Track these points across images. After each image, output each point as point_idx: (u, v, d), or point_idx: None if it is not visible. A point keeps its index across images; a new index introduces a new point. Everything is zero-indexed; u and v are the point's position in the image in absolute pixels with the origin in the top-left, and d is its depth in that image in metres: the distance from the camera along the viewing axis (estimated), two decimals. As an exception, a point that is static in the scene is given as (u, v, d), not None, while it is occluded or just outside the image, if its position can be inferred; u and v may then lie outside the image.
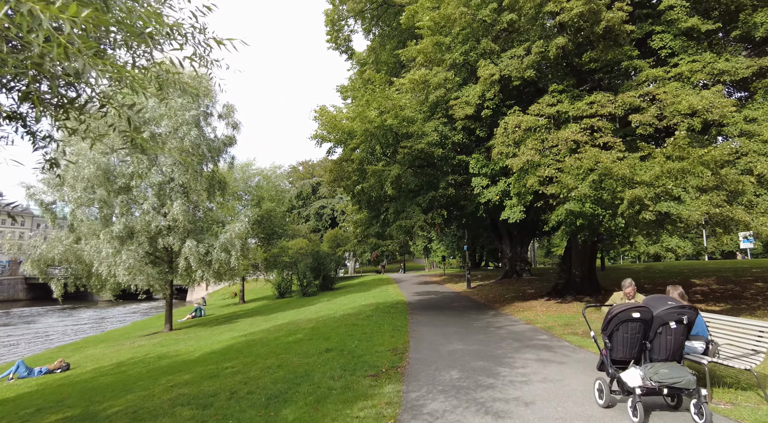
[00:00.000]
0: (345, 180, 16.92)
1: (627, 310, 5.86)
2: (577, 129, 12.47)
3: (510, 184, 15.15)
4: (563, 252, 21.66)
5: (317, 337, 12.89)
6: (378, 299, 22.34)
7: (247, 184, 37.57)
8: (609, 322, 6.05)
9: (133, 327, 28.29)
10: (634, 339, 5.98)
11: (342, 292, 30.00)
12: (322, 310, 20.71)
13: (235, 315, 26.72)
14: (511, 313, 16.99)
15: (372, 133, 15.38)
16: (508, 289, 23.95)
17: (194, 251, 21.24)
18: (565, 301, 18.63)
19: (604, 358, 6.28)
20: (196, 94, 23.79)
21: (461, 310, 18.12)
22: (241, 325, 20.31)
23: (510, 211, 14.99)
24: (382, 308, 18.36)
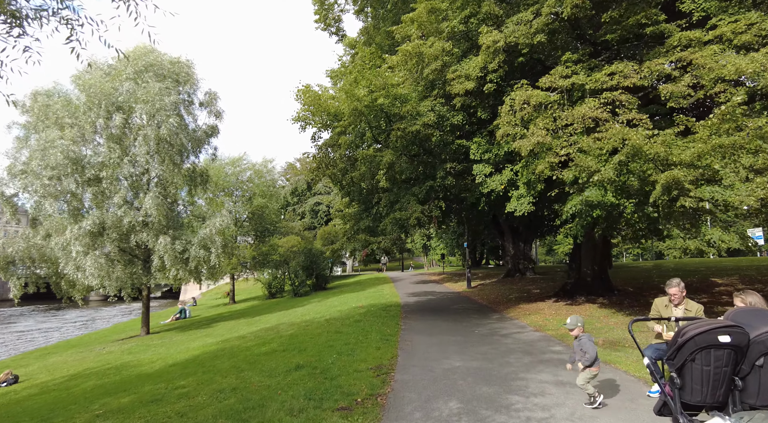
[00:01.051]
0: (331, 168, 14.92)
1: (710, 331, 3.84)
2: (595, 104, 10.46)
3: (517, 172, 13.18)
4: (572, 249, 19.65)
5: (292, 348, 10.92)
6: (371, 300, 20.36)
7: (238, 179, 35.64)
8: (680, 349, 4.03)
9: (112, 330, 26.37)
10: (719, 374, 3.96)
11: (335, 292, 28.04)
12: (310, 312, 18.74)
13: (221, 317, 24.76)
14: (517, 316, 15.01)
15: (361, 112, 13.39)
16: (511, 289, 21.96)
17: (169, 248, 19.28)
18: (576, 303, 16.66)
19: (668, 399, 4.27)
20: (176, 80, 21.88)
21: (461, 313, 16.14)
22: (220, 330, 18.34)
23: (516, 203, 13.02)
24: (373, 311, 16.38)
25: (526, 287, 22.23)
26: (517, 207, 13.03)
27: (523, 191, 13.00)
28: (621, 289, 18.44)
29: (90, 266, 18.61)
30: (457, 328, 13.02)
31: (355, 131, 14.16)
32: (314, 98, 14.09)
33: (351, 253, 16.02)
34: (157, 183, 21.38)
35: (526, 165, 12.67)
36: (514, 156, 13.95)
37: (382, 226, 13.71)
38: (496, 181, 13.38)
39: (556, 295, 18.82)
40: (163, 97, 19.96)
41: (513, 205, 13.13)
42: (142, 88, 20.03)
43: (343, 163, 14.67)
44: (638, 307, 14.87)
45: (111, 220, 18.87)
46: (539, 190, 12.03)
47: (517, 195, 13.11)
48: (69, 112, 19.52)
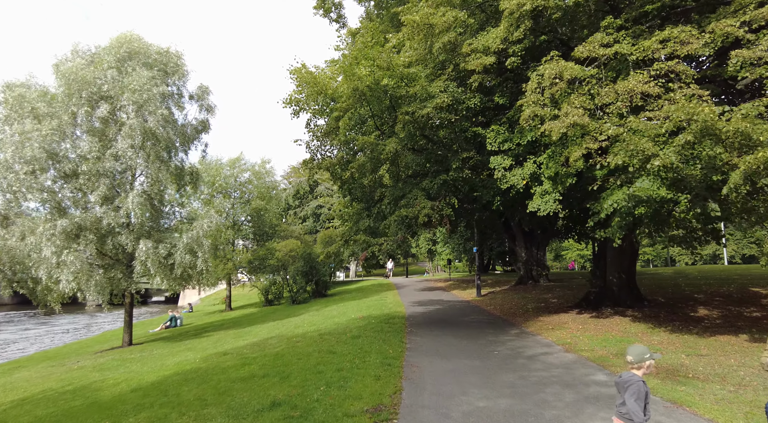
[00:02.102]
0: (327, 160, 12.91)
1: None
2: (644, 78, 8.42)
3: (542, 164, 11.15)
4: (595, 254, 17.52)
5: (274, 372, 8.88)
6: (372, 310, 18.29)
7: (236, 180, 33.75)
8: None
9: (97, 339, 24.37)
10: None
11: (335, 300, 25.97)
12: (304, 323, 16.69)
13: (212, 326, 22.74)
14: (539, 331, 12.92)
15: (362, 94, 11.42)
16: (525, 298, 19.84)
17: (151, 253, 17.28)
18: (602, 315, 14.55)
19: None
20: (163, 71, 19.99)
21: (474, 327, 14.05)
22: (206, 343, 16.32)
23: (540, 201, 11.01)
24: (374, 324, 14.32)
25: (543, 296, 20.11)
26: (541, 205, 11.02)
27: (548, 187, 10.98)
28: (653, 300, 16.31)
29: (66, 270, 16.66)
30: (473, 347, 10.93)
31: (355, 117, 12.17)
32: (309, 78, 12.14)
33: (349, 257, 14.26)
34: (141, 181, 19.49)
35: (551, 156, 10.68)
36: (537, 147, 11.95)
37: (384, 225, 11.69)
38: (517, 176, 11.35)
39: (579, 306, 16.71)
40: (151, 88, 18.05)
41: (536, 204, 11.11)
42: (128, 77, 18.14)
43: (341, 154, 12.65)
44: (679, 321, 12.75)
45: (89, 220, 16.93)
46: (569, 184, 9.98)
47: (540, 191, 11.08)
48: (46, 103, 17.64)
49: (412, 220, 11.55)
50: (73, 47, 19.31)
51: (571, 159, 8.66)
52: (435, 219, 11.57)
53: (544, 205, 10.92)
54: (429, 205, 11.25)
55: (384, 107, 13.02)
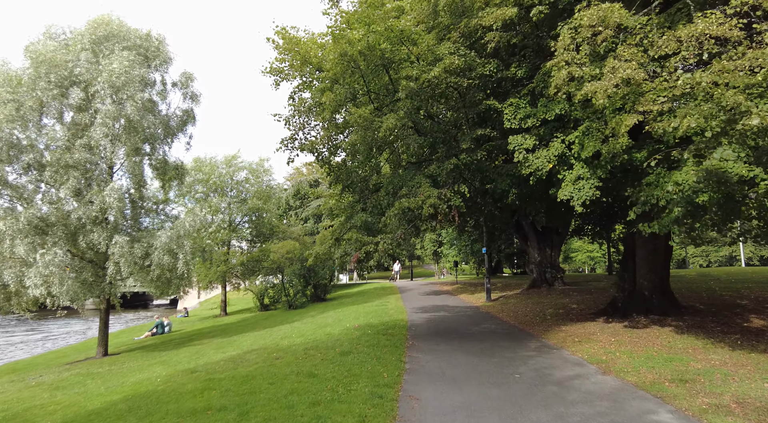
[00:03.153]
0: (311, 141, 10.80)
1: None
2: (718, 18, 6.27)
3: (573, 143, 9.02)
4: (623, 254, 15.24)
5: (234, 404, 6.77)
6: (371, 317, 16.16)
7: (233, 178, 31.80)
8: None
9: (77, 347, 22.41)
10: None
11: (334, 305, 23.86)
12: (293, 333, 14.58)
13: (199, 334, 20.70)
14: (564, 345, 10.75)
15: (353, 61, 9.35)
16: (541, 304, 17.61)
17: (126, 252, 15.27)
18: (636, 325, 12.33)
19: None
20: (144, 56, 18.03)
21: (487, 339, 11.86)
22: (182, 355, 14.25)
23: (572, 188, 8.88)
24: (370, 335, 12.18)
25: (560, 301, 17.87)
26: (574, 194, 8.86)
27: (581, 171, 8.84)
28: (690, 306, 14.07)
29: (34, 272, 14.69)
30: (487, 367, 8.77)
31: (345, 87, 10.06)
32: (292, 44, 10.07)
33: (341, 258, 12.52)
34: (117, 173, 17.55)
35: (587, 132, 8.57)
36: (566, 123, 9.81)
37: (382, 221, 9.57)
38: (541, 158, 9.19)
39: (604, 313, 14.48)
40: (129, 70, 16.08)
41: (567, 192, 8.96)
42: (104, 59, 16.19)
43: (327, 132, 10.54)
44: (735, 334, 10.49)
45: (55, 214, 14.96)
46: (615, 164, 7.85)
47: (572, 177, 8.93)
48: (11, 88, 15.70)
49: (415, 212, 9.42)
50: (46, 29, 17.41)
51: (620, 129, 6.50)
52: (442, 210, 9.43)
53: (578, 194, 8.78)
54: (435, 194, 9.11)
55: (382, 84, 10.93)
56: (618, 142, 7.41)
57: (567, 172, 9.22)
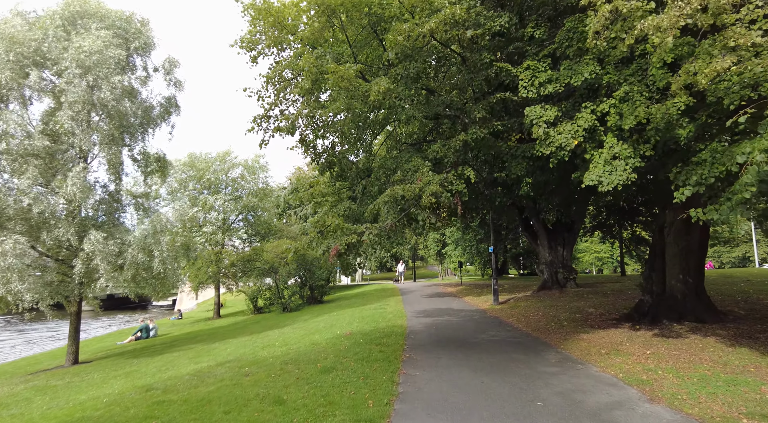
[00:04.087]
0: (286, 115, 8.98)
1: None
2: None
3: (608, 113, 7.23)
4: (650, 251, 13.32)
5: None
6: (366, 323, 14.37)
7: (228, 175, 30.12)
8: None
9: (54, 353, 20.70)
10: None
11: (331, 308, 22.07)
12: (277, 341, 12.80)
13: (183, 339, 18.97)
14: (589, 358, 8.91)
15: (333, 12, 7.55)
16: (555, 307, 15.75)
17: (99, 249, 13.57)
18: (670, 333, 10.47)
19: None
20: (124, 38, 16.35)
21: (497, 350, 10.01)
22: (152, 366, 12.50)
23: (602, 170, 7.12)
24: (362, 344, 10.39)
25: (575, 304, 15.99)
26: (603, 177, 7.09)
27: (619, 147, 7.04)
28: (729, 311, 12.17)
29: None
30: (501, 390, 6.93)
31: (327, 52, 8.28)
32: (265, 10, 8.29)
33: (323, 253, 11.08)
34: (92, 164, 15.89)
35: (625, 99, 6.78)
36: (598, 89, 8.01)
37: (370, 210, 7.78)
38: (565, 133, 7.37)
39: (629, 319, 12.62)
40: (103, 49, 14.41)
41: (594, 175, 7.17)
42: (77, 37, 14.51)
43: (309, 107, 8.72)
44: (798, 346, 8.62)
45: (13, 208, 13.27)
46: (671, 135, 6.05)
47: (606, 156, 7.13)
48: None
49: (412, 201, 7.61)
50: (13, 6, 15.76)
51: (704, 78, 4.68)
52: (445, 200, 7.61)
53: (609, 177, 6.98)
54: (437, 180, 7.30)
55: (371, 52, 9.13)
56: (674, 104, 5.58)
57: (598, 151, 7.41)
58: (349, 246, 7.44)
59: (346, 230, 7.54)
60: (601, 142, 7.57)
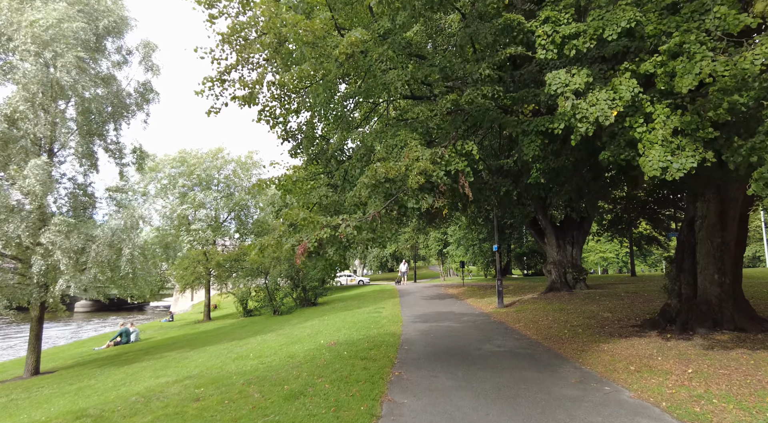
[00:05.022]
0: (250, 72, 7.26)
1: None
2: None
3: (655, 75, 5.58)
4: (677, 249, 11.53)
5: None
6: (356, 329, 12.71)
7: (219, 172, 28.54)
8: None
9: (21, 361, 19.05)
10: None
11: (323, 311, 20.44)
12: (254, 350, 11.17)
13: (161, 346, 17.33)
14: (615, 377, 7.23)
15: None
16: (565, 311, 14.05)
17: (59, 246, 11.98)
18: (710, 345, 8.79)
19: None
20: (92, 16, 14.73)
21: (504, 366, 8.31)
22: (112, 379, 10.88)
23: (660, 152, 5.47)
24: (345, 358, 8.73)
25: (587, 308, 14.29)
26: (672, 162, 5.46)
27: (675, 119, 5.39)
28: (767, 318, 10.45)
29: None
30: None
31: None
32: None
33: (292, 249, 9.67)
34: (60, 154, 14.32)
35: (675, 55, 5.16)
36: (633, 49, 6.34)
37: (350, 196, 6.12)
38: (601, 103, 5.66)
39: (654, 326, 10.92)
40: (61, 23, 12.82)
41: (657, 159, 5.51)
42: (33, 10, 12.92)
43: (271, 71, 7.05)
44: None
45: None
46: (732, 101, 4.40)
47: (661, 135, 5.49)
48: None
49: (399, 184, 5.95)
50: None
51: None
52: (437, 179, 5.93)
53: (678, 162, 5.37)
54: (427, 156, 5.63)
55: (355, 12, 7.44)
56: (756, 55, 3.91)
57: (647, 127, 5.72)
58: (321, 242, 5.78)
59: (317, 223, 5.88)
60: (647, 115, 5.88)
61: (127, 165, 16.20)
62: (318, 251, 5.89)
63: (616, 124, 6.09)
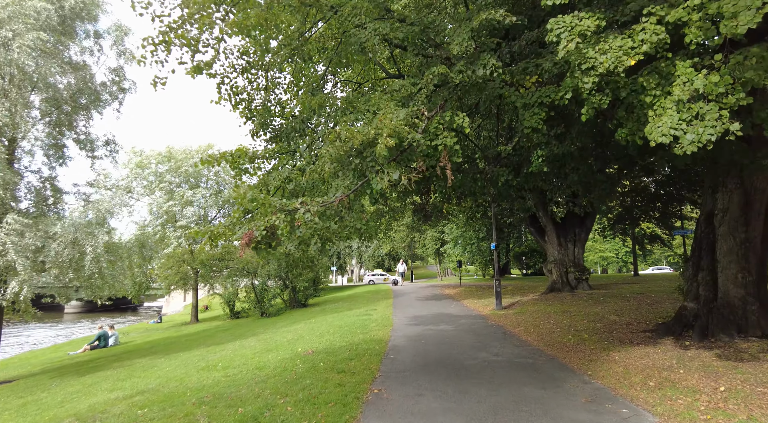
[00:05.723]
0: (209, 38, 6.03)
1: None
2: None
3: (690, 18, 4.34)
4: (694, 246, 10.29)
5: None
6: (341, 335, 11.53)
7: (209, 169, 27.32)
8: None
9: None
10: None
11: (313, 312, 19.26)
12: (224, 359, 9.98)
13: (138, 350, 16.12)
14: (636, 397, 6.06)
15: None
16: (568, 314, 12.88)
17: (15, 240, 10.79)
18: (735, 355, 7.65)
19: None
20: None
21: (503, 380, 7.12)
22: (62, 393, 9.69)
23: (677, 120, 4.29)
24: (321, 370, 7.54)
25: (592, 310, 13.12)
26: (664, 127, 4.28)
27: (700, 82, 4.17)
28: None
29: None
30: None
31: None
32: None
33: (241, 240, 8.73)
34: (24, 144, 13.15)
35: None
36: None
37: (310, 172, 4.93)
38: (615, 50, 4.48)
39: (669, 331, 9.73)
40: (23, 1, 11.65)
41: (667, 126, 4.34)
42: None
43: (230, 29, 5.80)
44: None
45: None
46: None
47: (678, 97, 4.29)
48: None
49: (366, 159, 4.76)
50: None
51: None
52: (412, 140, 4.70)
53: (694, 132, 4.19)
54: (402, 117, 4.44)
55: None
56: None
57: (664, 90, 4.56)
58: (271, 230, 4.60)
59: (269, 206, 4.69)
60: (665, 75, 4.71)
61: (99, 158, 15.02)
62: (269, 242, 4.70)
63: (627, 86, 4.92)
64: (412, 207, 19.58)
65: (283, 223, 4.54)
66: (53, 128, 13.69)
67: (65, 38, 13.82)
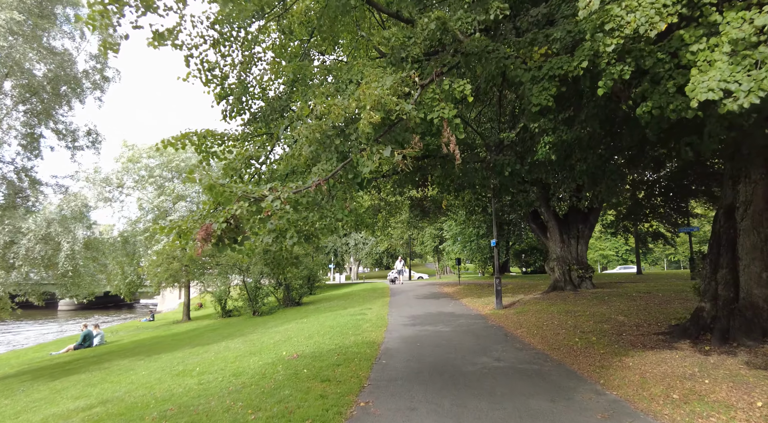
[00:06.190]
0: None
1: None
2: None
3: None
4: (711, 243, 9.45)
5: None
6: (331, 336, 10.72)
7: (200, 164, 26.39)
8: None
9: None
10: None
11: (307, 311, 18.46)
12: (204, 363, 9.18)
13: (122, 351, 15.30)
14: (660, 412, 5.29)
15: None
16: (572, 314, 12.07)
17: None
18: (765, 362, 6.79)
19: None
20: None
21: (505, 389, 6.32)
22: (19, 405, 8.89)
23: (718, 73, 3.44)
24: (302, 379, 6.74)
25: (597, 310, 12.31)
26: (712, 81, 3.40)
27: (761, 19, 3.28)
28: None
29: None
30: None
31: None
32: None
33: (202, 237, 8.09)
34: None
35: None
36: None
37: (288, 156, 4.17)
38: (645, 8, 3.67)
39: (684, 334, 8.91)
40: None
41: (715, 80, 3.45)
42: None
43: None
44: None
45: None
46: None
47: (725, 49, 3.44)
48: None
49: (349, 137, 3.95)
50: None
51: None
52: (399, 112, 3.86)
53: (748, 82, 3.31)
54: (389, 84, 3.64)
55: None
56: None
57: (720, 38, 3.76)
58: (235, 223, 3.79)
59: (230, 193, 3.89)
60: (710, 27, 3.89)
61: (80, 148, 14.19)
62: (233, 236, 3.88)
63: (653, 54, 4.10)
64: (409, 202, 18.77)
65: (246, 212, 3.74)
66: (30, 117, 12.87)
67: (43, 21, 12.98)
